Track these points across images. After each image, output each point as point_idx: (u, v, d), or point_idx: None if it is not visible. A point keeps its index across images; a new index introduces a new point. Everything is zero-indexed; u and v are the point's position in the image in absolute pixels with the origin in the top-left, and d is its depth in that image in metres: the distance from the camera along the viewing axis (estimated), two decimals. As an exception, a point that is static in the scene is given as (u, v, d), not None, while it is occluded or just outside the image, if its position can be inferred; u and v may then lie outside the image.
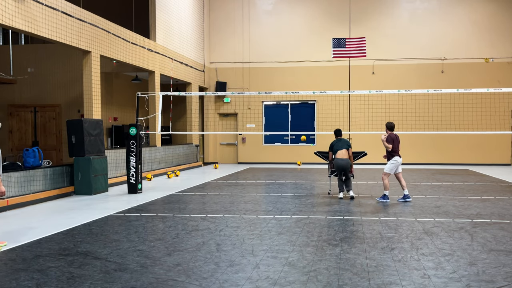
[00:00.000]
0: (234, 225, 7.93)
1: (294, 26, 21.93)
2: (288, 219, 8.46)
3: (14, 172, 10.09)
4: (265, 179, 15.27)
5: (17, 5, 10.10)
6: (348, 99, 20.91)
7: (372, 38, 20.73)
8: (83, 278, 5.14)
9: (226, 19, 22.37)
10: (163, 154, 17.57)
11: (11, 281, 5.05)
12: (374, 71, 21.34)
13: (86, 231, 7.49)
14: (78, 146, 11.66)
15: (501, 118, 19.70)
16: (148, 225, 7.98)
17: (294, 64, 21.83)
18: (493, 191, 12.13)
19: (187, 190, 12.58)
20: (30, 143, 16.72)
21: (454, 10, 21.18)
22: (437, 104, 20.20)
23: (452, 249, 6.31)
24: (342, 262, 5.70)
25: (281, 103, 22.28)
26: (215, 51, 22.57)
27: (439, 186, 13.37)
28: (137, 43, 15.55)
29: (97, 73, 13.19)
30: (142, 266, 5.58)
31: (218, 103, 22.64)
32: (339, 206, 9.89)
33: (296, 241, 6.75)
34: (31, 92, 17.12)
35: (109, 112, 18.44)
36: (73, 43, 12.09)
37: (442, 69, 21.13)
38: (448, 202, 10.39)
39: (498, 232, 7.32)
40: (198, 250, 6.28)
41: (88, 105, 13.04)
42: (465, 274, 5.25)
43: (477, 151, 21.01)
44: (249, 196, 11.47)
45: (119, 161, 14.24)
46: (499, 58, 20.86)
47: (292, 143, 22.18)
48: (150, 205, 10.14)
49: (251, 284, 4.93)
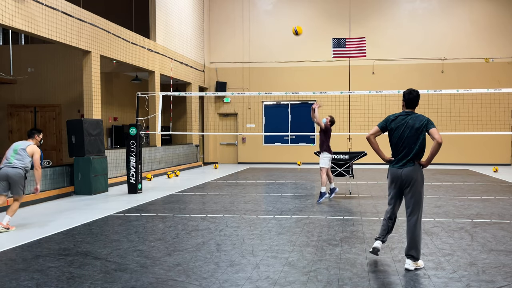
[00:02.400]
0: (234, 225, 7.93)
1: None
2: (288, 219, 8.46)
3: (14, 172, 10.07)
4: (265, 179, 15.27)
5: (17, 5, 10.10)
6: (348, 99, 20.90)
7: (372, 38, 20.73)
8: (83, 278, 5.14)
9: (226, 19, 22.37)
10: (163, 154, 17.57)
11: (11, 281, 5.05)
12: (374, 71, 21.35)
13: (86, 231, 7.49)
14: (78, 146, 11.66)
15: (501, 118, 19.70)
16: (148, 225, 7.98)
17: (294, 64, 21.83)
18: (493, 191, 12.12)
19: (187, 190, 12.58)
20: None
21: (454, 10, 21.18)
22: (437, 104, 20.17)
23: (452, 249, 6.31)
24: (342, 262, 5.69)
25: (281, 103, 22.29)
26: (215, 51, 22.57)
27: (439, 186, 13.37)
28: (137, 43, 15.55)
29: (97, 73, 13.19)
30: (142, 266, 5.58)
31: (218, 103, 22.64)
32: (339, 206, 9.89)
33: (296, 241, 6.75)
34: (31, 92, 17.12)
35: (109, 112, 18.44)
36: (73, 43, 12.09)
37: (442, 69, 21.13)
38: (448, 202, 10.39)
39: (498, 232, 7.31)
40: (198, 250, 6.28)
41: (88, 105, 13.04)
42: (465, 274, 5.25)
43: (477, 151, 21.01)
44: (249, 196, 11.47)
45: (119, 161, 14.24)
46: (499, 58, 20.87)
47: (292, 143, 22.18)
48: (150, 205, 10.14)
49: (251, 284, 4.93)
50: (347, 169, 11.31)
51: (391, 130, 5.56)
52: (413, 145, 5.40)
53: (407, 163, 5.42)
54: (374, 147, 5.61)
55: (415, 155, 5.43)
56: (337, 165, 11.34)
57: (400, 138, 5.46)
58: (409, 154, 5.42)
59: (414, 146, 5.40)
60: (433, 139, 5.31)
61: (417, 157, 5.44)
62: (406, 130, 5.44)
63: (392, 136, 5.56)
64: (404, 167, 5.44)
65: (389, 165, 5.64)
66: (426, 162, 5.45)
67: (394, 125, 5.52)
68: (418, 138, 5.39)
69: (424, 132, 5.39)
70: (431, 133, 5.33)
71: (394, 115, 5.60)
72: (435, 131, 5.32)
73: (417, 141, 5.39)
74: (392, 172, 5.55)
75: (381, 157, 5.67)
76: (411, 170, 5.41)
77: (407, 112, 5.56)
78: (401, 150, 5.47)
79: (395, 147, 5.54)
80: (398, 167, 5.48)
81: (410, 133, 5.41)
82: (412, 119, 5.46)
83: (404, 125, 5.45)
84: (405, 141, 5.43)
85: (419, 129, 5.39)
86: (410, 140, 5.41)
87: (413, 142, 5.40)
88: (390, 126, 5.55)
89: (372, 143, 5.62)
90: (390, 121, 5.57)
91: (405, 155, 5.44)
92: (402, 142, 5.45)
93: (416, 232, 5.43)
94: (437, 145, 5.24)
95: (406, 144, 5.43)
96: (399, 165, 5.47)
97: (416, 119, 5.44)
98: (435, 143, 5.26)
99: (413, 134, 5.40)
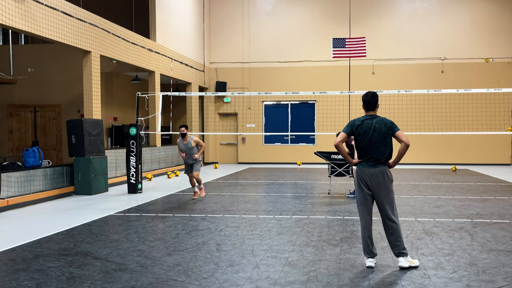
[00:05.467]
0: (234, 225, 7.93)
1: (294, 26, 21.93)
2: (288, 219, 8.46)
3: (14, 172, 10.09)
4: (265, 179, 15.27)
5: (17, 5, 10.10)
6: (348, 99, 20.90)
7: (372, 38, 20.73)
8: (83, 278, 5.14)
9: (226, 19, 22.37)
10: (163, 154, 17.57)
11: (11, 281, 5.05)
12: (374, 71, 21.35)
13: (86, 231, 7.49)
14: (78, 146, 11.66)
15: (501, 118, 19.70)
16: (148, 225, 7.98)
17: (294, 64, 21.83)
18: (493, 191, 12.12)
19: (187, 190, 12.58)
20: (30, 143, 16.72)
21: (454, 10, 21.18)
22: (437, 104, 20.20)
23: (452, 249, 6.31)
24: (342, 262, 5.70)
25: (281, 103, 22.28)
26: (215, 51, 22.57)
27: (439, 186, 13.37)
28: (137, 43, 15.55)
29: (97, 73, 13.19)
30: (142, 266, 5.58)
31: (218, 103, 22.64)
32: (339, 206, 9.89)
33: (296, 241, 6.75)
34: (31, 92, 17.12)
35: (109, 112, 18.44)
36: (73, 43, 12.09)
37: (442, 69, 21.14)
38: (448, 202, 10.39)
39: (498, 232, 7.31)
40: (198, 250, 6.28)
41: (88, 105, 13.04)
42: (465, 274, 5.25)
43: (477, 151, 21.01)
44: (249, 196, 11.47)
45: (119, 161, 14.24)
46: (499, 58, 20.87)
47: (292, 143, 22.18)
48: (150, 205, 10.14)
49: (251, 284, 4.93)
50: (347, 169, 11.32)
51: (358, 135, 5.62)
52: (383, 147, 5.53)
53: (377, 164, 5.53)
54: (343, 153, 5.73)
55: (386, 157, 5.56)
56: (337, 165, 11.35)
57: (370, 142, 5.54)
58: (378, 156, 5.53)
59: (384, 149, 5.53)
60: (400, 141, 5.48)
61: (387, 159, 5.58)
62: (374, 134, 5.53)
63: (359, 140, 5.62)
64: (374, 167, 5.53)
65: (357, 167, 5.69)
66: (394, 163, 5.61)
67: (362, 130, 5.59)
68: (386, 141, 5.53)
69: (390, 135, 5.54)
70: (398, 135, 5.49)
71: (359, 119, 5.66)
72: (401, 133, 5.50)
73: (386, 144, 5.53)
74: (362, 172, 5.59)
75: (349, 161, 5.80)
76: (381, 169, 5.52)
77: (371, 116, 5.65)
78: (370, 153, 5.54)
79: (364, 150, 5.59)
80: (369, 166, 5.54)
81: (378, 136, 5.52)
82: (378, 122, 5.56)
83: (372, 129, 5.54)
84: (375, 145, 5.53)
85: (386, 133, 5.52)
86: (379, 144, 5.52)
87: (382, 145, 5.52)
88: (357, 131, 5.62)
89: (341, 149, 5.68)
90: (356, 126, 5.62)
91: (375, 157, 5.53)
92: (372, 146, 5.54)
93: (398, 229, 5.55)
94: (405, 146, 5.41)
95: (375, 147, 5.53)
96: (369, 165, 5.55)
97: (381, 122, 5.56)
98: (403, 145, 5.42)
99: (382, 138, 5.52)
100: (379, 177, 5.50)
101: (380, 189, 5.51)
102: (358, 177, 5.62)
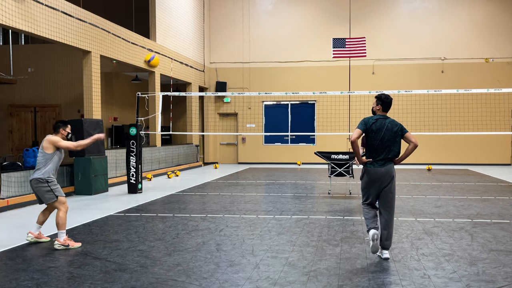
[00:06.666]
0: (234, 225, 7.93)
1: (294, 26, 21.93)
2: (288, 219, 8.46)
3: (14, 172, 10.09)
4: (265, 179, 15.27)
5: (17, 5, 10.10)
6: (348, 99, 20.90)
7: (372, 38, 20.73)
8: (83, 278, 5.14)
9: (226, 19, 22.37)
10: (163, 154, 17.57)
11: (11, 281, 5.05)
12: (374, 71, 21.35)
13: (86, 231, 7.49)
14: (78, 146, 11.64)
15: (501, 118, 19.71)
16: (148, 225, 7.98)
17: (294, 64, 21.83)
18: (493, 191, 12.12)
19: (187, 190, 12.58)
20: (30, 143, 16.73)
21: (454, 10, 21.18)
22: (437, 104, 20.20)
23: (452, 249, 6.31)
24: (342, 262, 5.70)
25: (281, 103, 22.28)
26: (215, 51, 22.57)
27: (439, 186, 13.37)
28: (137, 43, 15.55)
29: (97, 73, 13.19)
30: (142, 266, 5.58)
31: (218, 103, 22.64)
32: (339, 206, 9.89)
33: (296, 241, 6.75)
34: (31, 92, 17.12)
35: (109, 112, 18.45)
36: (73, 43, 12.09)
37: (442, 69, 21.13)
38: (448, 202, 10.39)
39: (498, 232, 7.32)
40: (198, 250, 6.28)
41: (88, 105, 13.04)
42: (465, 274, 5.25)
43: (477, 151, 21.01)
44: (249, 196, 11.47)
45: (119, 161, 14.24)
46: (499, 58, 20.87)
47: (292, 143, 22.18)
48: (150, 205, 10.14)
49: (251, 284, 4.93)
50: (347, 169, 11.32)
51: (371, 132, 5.92)
52: (393, 146, 5.88)
53: (386, 163, 5.88)
54: (356, 150, 6.02)
55: (394, 155, 5.91)
56: (337, 165, 11.34)
57: (382, 140, 5.87)
58: (389, 155, 5.88)
59: (394, 148, 5.88)
60: (409, 142, 5.87)
61: (395, 157, 5.93)
62: (386, 133, 5.87)
63: (371, 138, 5.92)
64: (384, 166, 5.86)
65: (365, 166, 5.97)
66: (400, 160, 5.97)
67: (375, 127, 5.90)
68: (396, 141, 5.89)
69: (400, 135, 5.90)
70: (407, 137, 5.88)
71: (373, 117, 5.98)
72: (410, 135, 5.90)
73: (395, 143, 5.89)
74: (372, 172, 5.89)
75: (359, 159, 6.06)
76: (390, 167, 5.89)
77: (385, 116, 6.00)
78: (382, 151, 5.88)
79: (376, 149, 5.90)
80: (379, 166, 5.87)
81: (389, 135, 5.87)
82: (390, 123, 5.92)
83: (385, 128, 5.88)
84: (386, 143, 5.87)
85: (396, 133, 5.88)
86: (390, 142, 5.87)
87: (392, 144, 5.87)
88: (371, 128, 5.91)
89: (357, 145, 5.95)
90: (370, 124, 5.93)
91: (386, 155, 5.87)
92: (383, 144, 5.87)
93: (392, 224, 5.97)
94: (414, 146, 5.83)
95: (387, 146, 5.87)
96: (380, 164, 5.87)
97: (393, 123, 5.93)
98: (412, 145, 5.83)
99: (392, 137, 5.87)
100: (387, 176, 5.84)
101: (387, 186, 5.86)
102: (368, 175, 5.92)
